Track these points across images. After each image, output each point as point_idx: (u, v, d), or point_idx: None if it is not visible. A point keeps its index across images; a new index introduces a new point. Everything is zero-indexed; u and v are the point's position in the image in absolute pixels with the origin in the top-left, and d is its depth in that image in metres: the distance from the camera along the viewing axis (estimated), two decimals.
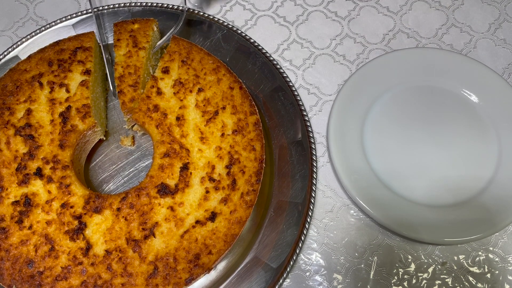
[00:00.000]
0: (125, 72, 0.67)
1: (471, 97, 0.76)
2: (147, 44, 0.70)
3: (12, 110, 0.65)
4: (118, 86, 0.67)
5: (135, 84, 0.67)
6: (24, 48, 0.77)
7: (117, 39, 0.70)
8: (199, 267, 0.57)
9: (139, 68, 0.68)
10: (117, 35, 0.70)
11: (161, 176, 0.62)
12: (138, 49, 0.69)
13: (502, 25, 0.85)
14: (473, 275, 0.66)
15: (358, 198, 0.67)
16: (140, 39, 0.70)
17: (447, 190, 0.69)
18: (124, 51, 0.69)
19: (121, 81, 0.67)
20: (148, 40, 0.70)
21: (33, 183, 0.61)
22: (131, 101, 0.66)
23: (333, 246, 0.68)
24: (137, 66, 0.67)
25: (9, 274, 0.56)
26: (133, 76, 0.67)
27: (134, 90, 0.67)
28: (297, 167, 0.69)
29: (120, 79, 0.67)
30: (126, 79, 0.67)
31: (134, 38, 0.69)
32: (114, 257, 0.57)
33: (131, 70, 0.67)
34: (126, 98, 0.66)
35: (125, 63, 0.68)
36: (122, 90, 0.66)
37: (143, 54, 0.69)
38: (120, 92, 0.66)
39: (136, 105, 0.66)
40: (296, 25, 0.84)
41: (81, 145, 0.66)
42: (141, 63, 0.68)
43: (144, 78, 0.69)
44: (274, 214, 0.67)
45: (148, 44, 0.70)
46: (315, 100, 0.78)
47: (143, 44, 0.69)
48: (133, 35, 0.70)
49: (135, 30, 0.70)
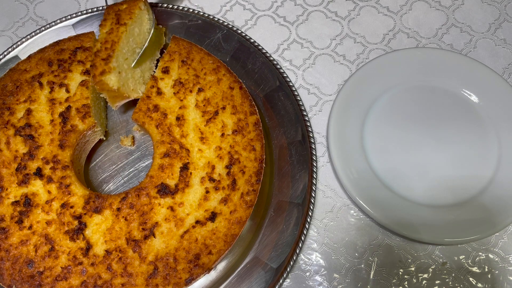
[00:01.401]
0: (102, 47, 0.65)
1: (471, 97, 0.76)
2: (130, 21, 0.68)
3: (12, 110, 0.65)
4: (92, 61, 0.65)
5: (107, 58, 0.64)
6: (24, 48, 0.77)
7: (104, 19, 0.68)
8: (199, 267, 0.57)
9: (115, 42, 0.65)
10: (104, 15, 0.69)
11: (161, 176, 0.62)
12: (119, 25, 0.67)
13: (502, 25, 0.85)
14: (473, 275, 0.66)
15: (358, 198, 0.67)
16: (123, 16, 0.68)
17: (447, 190, 0.69)
18: (107, 29, 0.67)
19: (96, 55, 0.65)
20: (132, 17, 0.68)
21: (33, 183, 0.61)
22: (101, 75, 0.63)
23: (333, 246, 0.68)
24: (114, 40, 0.66)
25: (9, 274, 0.56)
26: (108, 51, 0.65)
27: (106, 63, 0.63)
28: (297, 167, 0.69)
29: (96, 54, 0.65)
30: (101, 53, 0.65)
31: (118, 16, 0.68)
32: (114, 257, 0.57)
33: (108, 45, 0.65)
34: (97, 71, 0.63)
35: (104, 39, 0.66)
36: (94, 64, 0.64)
37: (122, 29, 0.67)
38: (92, 66, 0.64)
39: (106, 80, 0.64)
40: (296, 25, 0.84)
41: (81, 145, 0.66)
42: (118, 38, 0.66)
43: (123, 54, 0.67)
44: (274, 214, 0.67)
45: (130, 21, 0.68)
46: (315, 100, 0.78)
47: (124, 21, 0.67)
48: (118, 14, 0.69)
49: (122, 10, 0.69)
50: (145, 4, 0.72)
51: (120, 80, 0.65)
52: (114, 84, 0.64)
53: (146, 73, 0.71)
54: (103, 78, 0.63)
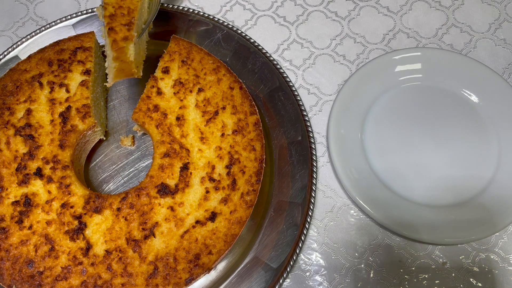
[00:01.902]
0: (117, 12, 0.60)
1: (471, 97, 0.76)
2: None
3: (12, 110, 0.65)
4: (108, 24, 0.59)
5: (129, 24, 0.59)
6: (24, 48, 0.77)
7: None
8: (199, 267, 0.57)
9: (133, 10, 0.61)
10: None
11: (161, 176, 0.62)
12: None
13: (502, 25, 0.85)
14: (473, 275, 0.66)
15: (358, 198, 0.67)
16: None
17: (447, 190, 0.69)
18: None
19: (112, 19, 0.59)
20: None
21: (33, 183, 0.61)
22: (123, 40, 0.58)
23: (333, 246, 0.68)
24: (131, 8, 0.61)
25: (9, 274, 0.56)
26: (126, 17, 0.60)
27: (128, 29, 0.59)
28: (297, 167, 0.69)
29: (111, 17, 0.59)
30: (118, 18, 0.60)
31: None
32: (114, 257, 0.57)
33: (124, 11, 0.61)
34: (118, 36, 0.58)
35: (116, 4, 0.61)
36: (113, 28, 0.58)
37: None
38: (111, 30, 0.58)
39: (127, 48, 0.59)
40: (296, 25, 0.84)
41: (81, 145, 0.66)
42: (135, 6, 0.61)
43: (138, 26, 0.63)
44: (274, 214, 0.67)
45: None
46: (315, 100, 0.78)
47: None
48: None
49: None
50: None
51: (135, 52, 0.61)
52: (131, 54, 0.59)
53: (142, 52, 0.67)
54: (126, 44, 0.58)
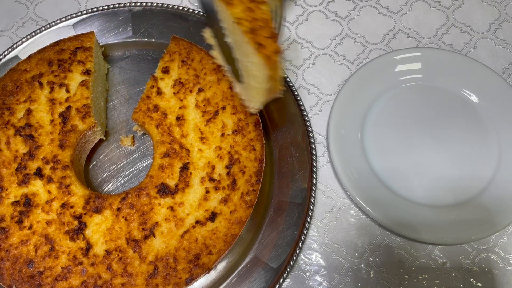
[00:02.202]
0: (254, 25, 0.54)
1: (471, 97, 0.76)
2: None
3: (12, 110, 0.65)
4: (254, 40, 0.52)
5: (273, 36, 0.53)
6: (24, 48, 0.77)
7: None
8: (199, 267, 0.57)
9: (268, 20, 0.55)
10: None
11: (161, 176, 0.62)
12: (257, 3, 0.56)
13: (502, 25, 0.85)
14: (473, 275, 0.66)
15: (358, 198, 0.67)
16: None
17: (447, 190, 0.69)
18: (239, 7, 0.55)
19: (255, 34, 0.53)
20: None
21: (33, 183, 0.61)
22: (275, 54, 0.52)
23: (333, 246, 0.68)
24: (264, 18, 0.55)
25: (9, 274, 0.56)
26: (266, 28, 0.54)
27: (274, 41, 0.52)
28: (297, 167, 0.69)
29: (253, 32, 0.53)
30: (259, 31, 0.53)
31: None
32: (114, 257, 0.57)
33: (259, 23, 0.54)
34: (267, 51, 0.51)
35: (249, 17, 0.55)
36: (261, 43, 0.52)
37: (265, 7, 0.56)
38: (261, 46, 0.52)
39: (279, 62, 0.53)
40: (296, 25, 0.84)
41: (81, 145, 0.66)
42: (267, 15, 0.55)
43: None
44: (274, 214, 0.67)
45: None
46: (315, 100, 0.78)
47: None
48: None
49: None
50: None
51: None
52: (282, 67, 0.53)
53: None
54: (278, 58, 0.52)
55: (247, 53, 0.53)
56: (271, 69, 0.51)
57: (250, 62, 0.53)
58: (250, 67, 0.53)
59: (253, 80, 0.54)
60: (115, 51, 0.79)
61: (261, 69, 0.52)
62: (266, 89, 0.54)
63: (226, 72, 0.62)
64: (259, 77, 0.53)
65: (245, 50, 0.53)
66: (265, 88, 0.54)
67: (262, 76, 0.52)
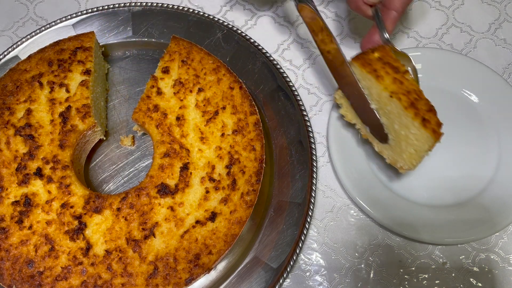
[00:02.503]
0: (410, 98, 0.58)
1: (471, 97, 0.76)
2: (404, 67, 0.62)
3: (12, 110, 0.65)
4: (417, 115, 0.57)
5: (431, 108, 0.58)
6: (24, 48, 0.77)
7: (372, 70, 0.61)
8: (199, 267, 0.58)
9: (420, 91, 0.60)
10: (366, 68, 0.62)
11: (161, 176, 0.62)
12: (401, 74, 0.61)
13: (502, 25, 0.85)
14: (473, 275, 0.66)
15: (358, 198, 0.67)
16: (394, 64, 0.62)
17: (447, 190, 0.69)
18: (388, 80, 0.60)
19: (416, 108, 0.57)
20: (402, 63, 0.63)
21: (33, 183, 0.61)
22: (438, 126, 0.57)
23: (333, 246, 0.68)
24: (415, 89, 0.60)
25: (9, 274, 0.56)
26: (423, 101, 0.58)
27: (434, 114, 0.58)
28: (297, 167, 0.69)
29: (414, 106, 0.57)
30: (418, 105, 0.58)
31: (388, 65, 0.62)
32: (114, 257, 0.57)
33: (414, 95, 0.59)
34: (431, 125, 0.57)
35: (400, 89, 0.59)
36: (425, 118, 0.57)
37: (409, 76, 0.61)
38: (424, 120, 0.57)
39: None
40: (296, 25, 0.84)
41: (81, 145, 0.66)
42: (415, 85, 0.60)
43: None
44: (274, 214, 0.66)
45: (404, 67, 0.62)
46: (315, 100, 0.78)
47: (403, 68, 0.62)
48: (386, 63, 0.62)
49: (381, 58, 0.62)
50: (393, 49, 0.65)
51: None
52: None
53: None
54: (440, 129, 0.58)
55: (406, 125, 0.59)
56: (436, 140, 0.57)
57: (410, 133, 0.59)
58: (410, 136, 0.59)
59: (410, 147, 0.60)
60: (115, 51, 0.79)
61: (425, 141, 0.58)
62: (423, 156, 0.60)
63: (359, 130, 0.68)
64: (419, 147, 0.59)
65: (403, 121, 0.59)
66: (423, 155, 0.60)
67: (424, 146, 0.58)
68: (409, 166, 0.62)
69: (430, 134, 0.57)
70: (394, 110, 0.60)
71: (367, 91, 0.63)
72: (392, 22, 0.65)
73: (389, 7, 0.65)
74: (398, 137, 0.61)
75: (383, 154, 0.65)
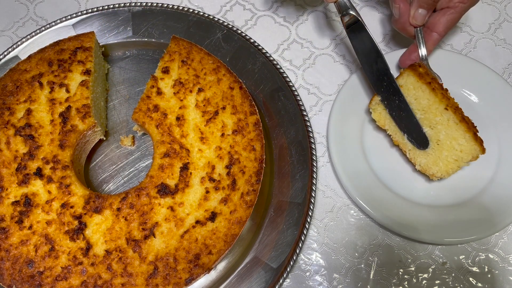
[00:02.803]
0: (461, 112, 0.65)
1: (471, 97, 0.76)
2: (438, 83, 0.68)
3: (12, 110, 0.65)
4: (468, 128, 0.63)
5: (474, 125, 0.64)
6: (24, 48, 0.77)
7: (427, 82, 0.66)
8: (199, 267, 0.57)
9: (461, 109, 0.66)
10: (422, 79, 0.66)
11: (161, 176, 0.62)
12: (445, 91, 0.67)
13: (502, 25, 0.85)
14: (473, 275, 0.66)
15: (358, 198, 0.67)
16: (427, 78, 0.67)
17: (447, 190, 0.69)
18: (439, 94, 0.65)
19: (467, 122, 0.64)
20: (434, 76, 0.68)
21: (33, 183, 0.61)
22: (482, 143, 0.63)
23: (333, 246, 0.68)
24: (455, 104, 0.66)
25: (9, 274, 0.56)
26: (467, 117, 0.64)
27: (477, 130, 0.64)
28: (297, 167, 0.69)
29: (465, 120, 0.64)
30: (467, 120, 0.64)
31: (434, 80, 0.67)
32: (114, 257, 0.57)
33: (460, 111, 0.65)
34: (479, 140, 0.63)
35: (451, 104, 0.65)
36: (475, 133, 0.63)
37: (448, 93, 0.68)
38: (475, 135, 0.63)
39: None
40: (296, 25, 0.84)
41: (81, 145, 0.66)
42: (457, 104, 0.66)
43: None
44: (274, 214, 0.66)
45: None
46: (315, 100, 0.78)
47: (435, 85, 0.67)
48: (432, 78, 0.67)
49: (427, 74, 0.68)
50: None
51: None
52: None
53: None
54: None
55: (454, 136, 0.64)
56: (482, 153, 0.63)
57: (457, 144, 0.64)
58: (456, 147, 0.64)
59: (452, 157, 0.64)
60: (115, 51, 0.79)
61: (469, 152, 0.63)
62: (462, 166, 0.65)
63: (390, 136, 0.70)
64: (461, 157, 0.64)
65: (451, 133, 0.64)
66: (462, 166, 0.64)
67: (467, 157, 0.63)
68: (443, 174, 0.65)
69: (479, 148, 0.62)
70: (444, 121, 0.64)
71: (413, 100, 0.67)
72: (434, 43, 0.71)
73: (433, 29, 0.70)
74: (441, 147, 0.65)
75: (414, 161, 0.67)
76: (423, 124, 0.66)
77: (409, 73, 0.68)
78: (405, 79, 0.68)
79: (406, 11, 0.70)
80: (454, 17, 0.69)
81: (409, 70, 0.68)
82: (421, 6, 0.68)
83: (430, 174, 0.66)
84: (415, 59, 0.72)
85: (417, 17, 0.68)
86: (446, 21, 0.69)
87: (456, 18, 0.69)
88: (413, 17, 0.69)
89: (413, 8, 0.69)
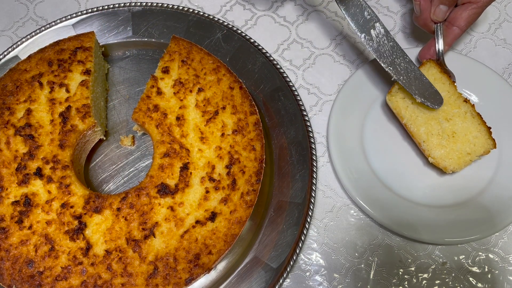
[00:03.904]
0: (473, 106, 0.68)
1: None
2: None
3: (12, 110, 0.65)
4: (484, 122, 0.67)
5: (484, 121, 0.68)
6: (24, 48, 0.77)
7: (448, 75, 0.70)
8: (199, 267, 0.57)
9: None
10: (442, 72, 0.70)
11: (161, 176, 0.62)
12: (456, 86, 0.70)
13: (502, 25, 0.85)
14: (473, 275, 0.66)
15: (358, 198, 0.67)
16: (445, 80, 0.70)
17: (447, 190, 0.69)
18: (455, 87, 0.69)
19: (480, 116, 0.68)
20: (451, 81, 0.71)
21: (33, 183, 0.61)
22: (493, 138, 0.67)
23: (333, 246, 0.68)
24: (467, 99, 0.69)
25: (9, 274, 0.56)
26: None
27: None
28: (297, 167, 0.69)
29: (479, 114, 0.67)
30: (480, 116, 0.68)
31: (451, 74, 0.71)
32: (114, 257, 0.57)
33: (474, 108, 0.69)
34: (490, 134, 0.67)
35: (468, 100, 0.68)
36: (489, 127, 0.67)
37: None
38: (489, 128, 0.67)
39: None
40: (296, 25, 0.84)
41: (81, 145, 0.66)
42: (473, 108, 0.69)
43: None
44: (274, 214, 0.67)
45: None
46: (315, 100, 0.78)
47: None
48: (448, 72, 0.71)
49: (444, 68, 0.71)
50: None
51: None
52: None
53: None
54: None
55: (469, 129, 0.67)
56: (494, 147, 0.66)
57: (472, 136, 0.67)
58: (470, 140, 0.67)
59: (466, 149, 0.66)
60: (115, 51, 0.79)
61: (482, 146, 0.66)
62: (474, 159, 0.66)
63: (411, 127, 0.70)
64: (474, 151, 0.66)
65: (467, 125, 0.67)
66: (474, 159, 0.66)
67: (480, 151, 0.66)
68: (455, 167, 0.66)
69: (492, 141, 0.66)
70: (461, 114, 0.67)
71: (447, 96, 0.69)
72: (454, 37, 0.72)
73: (454, 23, 0.71)
74: (455, 139, 0.67)
75: (428, 152, 0.67)
76: (439, 116, 0.68)
77: (431, 64, 0.69)
78: (427, 69, 0.70)
79: (427, 7, 0.70)
80: (476, 12, 0.69)
81: (432, 61, 0.70)
82: (442, 2, 0.68)
83: (443, 167, 0.66)
84: (433, 54, 0.73)
85: (438, 13, 0.69)
86: (468, 16, 0.69)
87: (478, 13, 0.69)
88: (434, 13, 0.70)
89: (434, 5, 0.69)
